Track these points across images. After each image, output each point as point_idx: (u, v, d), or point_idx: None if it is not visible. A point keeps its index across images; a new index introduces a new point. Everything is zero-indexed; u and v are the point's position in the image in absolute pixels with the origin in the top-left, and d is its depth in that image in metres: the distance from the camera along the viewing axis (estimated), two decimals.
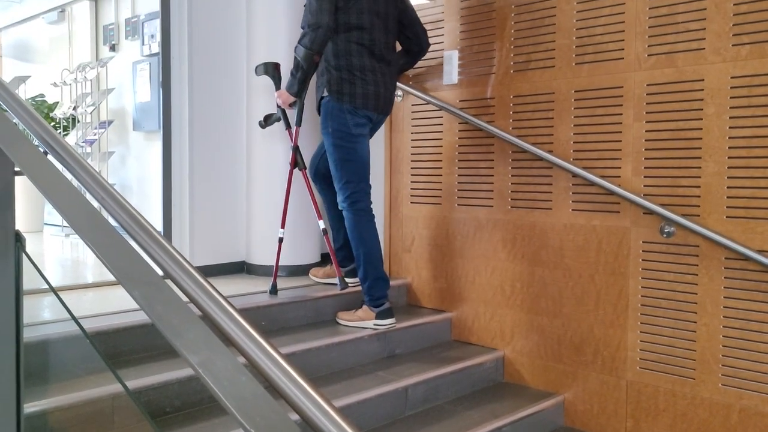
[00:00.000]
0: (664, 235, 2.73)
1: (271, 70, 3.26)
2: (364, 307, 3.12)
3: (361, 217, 3.10)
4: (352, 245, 3.11)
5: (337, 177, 3.10)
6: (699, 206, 2.66)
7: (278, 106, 3.24)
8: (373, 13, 3.06)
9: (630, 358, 2.86)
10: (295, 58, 2.99)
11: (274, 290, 3.13)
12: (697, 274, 2.68)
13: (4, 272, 1.59)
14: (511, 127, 3.22)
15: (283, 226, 3.23)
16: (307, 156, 3.38)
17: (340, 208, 3.14)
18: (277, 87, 3.26)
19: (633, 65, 2.82)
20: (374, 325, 3.08)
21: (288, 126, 3.27)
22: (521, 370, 3.22)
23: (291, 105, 3.18)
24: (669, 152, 2.74)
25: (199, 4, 3.52)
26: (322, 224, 3.19)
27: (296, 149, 3.20)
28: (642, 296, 2.82)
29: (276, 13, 3.56)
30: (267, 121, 3.28)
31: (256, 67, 3.33)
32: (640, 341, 2.83)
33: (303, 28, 3.01)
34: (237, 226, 3.75)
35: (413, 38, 3.32)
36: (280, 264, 3.24)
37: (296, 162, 3.21)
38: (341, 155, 3.07)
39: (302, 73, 2.99)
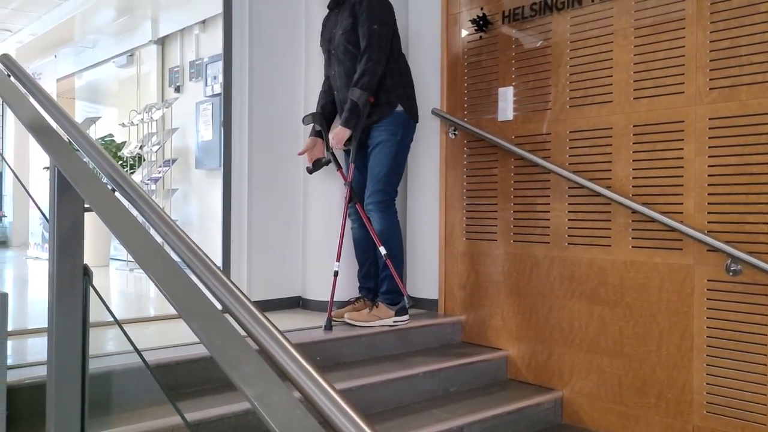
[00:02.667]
0: (731, 274, 2.63)
1: (318, 118, 3.45)
2: (381, 305, 3.27)
3: (395, 219, 3.38)
4: (385, 244, 3.23)
5: (383, 181, 3.31)
6: (767, 243, 2.56)
7: (328, 149, 3.40)
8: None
9: (696, 402, 2.74)
10: (351, 99, 3.19)
11: (329, 325, 3.15)
12: (766, 315, 2.56)
13: (72, 304, 1.66)
14: (568, 162, 3.18)
15: (338, 260, 3.29)
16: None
17: (371, 207, 3.30)
18: (326, 132, 3.43)
19: (694, 99, 2.77)
20: (393, 321, 3.26)
21: (339, 167, 3.42)
22: (580, 411, 3.12)
23: (346, 143, 3.30)
24: (734, 187, 2.65)
25: (260, 46, 3.64)
26: (383, 250, 3.22)
27: (351, 185, 3.33)
28: (708, 337, 2.71)
29: None
30: (316, 165, 3.45)
31: (304, 117, 3.52)
32: (707, 384, 2.71)
33: (367, 44, 3.21)
34: (294, 261, 3.80)
35: None
36: (335, 299, 3.26)
37: (351, 197, 3.33)
38: (397, 164, 3.37)
39: (360, 111, 3.21)
